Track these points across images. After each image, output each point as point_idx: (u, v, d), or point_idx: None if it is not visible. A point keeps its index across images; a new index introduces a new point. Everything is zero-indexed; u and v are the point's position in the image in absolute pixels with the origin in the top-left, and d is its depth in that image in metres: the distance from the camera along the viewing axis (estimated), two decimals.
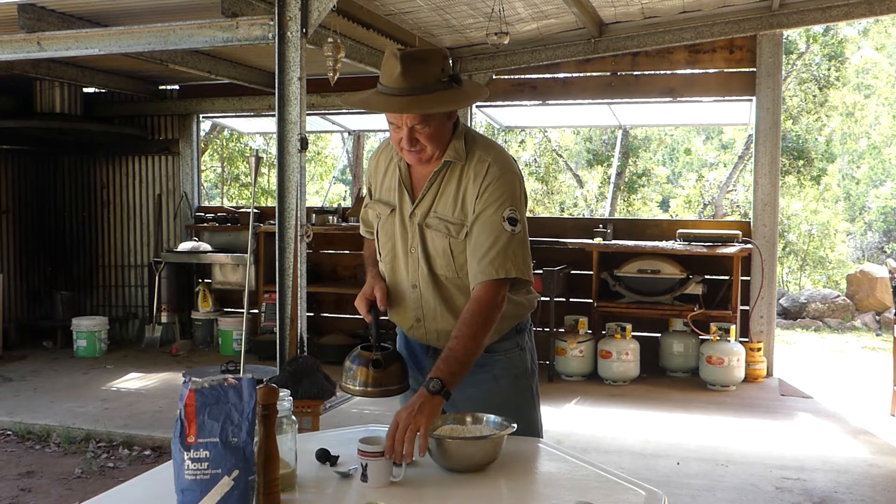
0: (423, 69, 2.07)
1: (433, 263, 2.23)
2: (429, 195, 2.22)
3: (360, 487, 1.81)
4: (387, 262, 2.33)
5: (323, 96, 7.79)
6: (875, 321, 10.36)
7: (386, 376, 2.15)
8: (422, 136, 2.12)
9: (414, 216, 2.23)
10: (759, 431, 5.34)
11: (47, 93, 7.90)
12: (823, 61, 13.52)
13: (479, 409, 2.14)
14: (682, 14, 6.82)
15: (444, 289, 2.24)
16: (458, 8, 6.17)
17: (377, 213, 2.33)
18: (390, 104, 2.08)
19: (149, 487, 1.83)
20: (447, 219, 2.19)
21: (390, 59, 2.09)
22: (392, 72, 2.07)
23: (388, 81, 2.08)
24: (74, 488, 4.44)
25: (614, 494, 1.80)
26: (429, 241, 2.22)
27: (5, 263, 8.43)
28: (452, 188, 2.19)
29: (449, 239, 2.19)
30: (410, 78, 2.05)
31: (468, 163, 2.18)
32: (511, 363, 2.33)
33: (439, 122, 2.13)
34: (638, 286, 6.74)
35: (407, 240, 2.26)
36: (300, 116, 4.73)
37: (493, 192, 2.14)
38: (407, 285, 2.28)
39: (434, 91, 2.07)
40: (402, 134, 2.12)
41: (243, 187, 16.71)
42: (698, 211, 15.39)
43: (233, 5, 4.96)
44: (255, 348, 7.34)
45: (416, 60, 2.07)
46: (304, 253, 4.88)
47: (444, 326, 2.24)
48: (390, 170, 2.31)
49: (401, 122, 2.10)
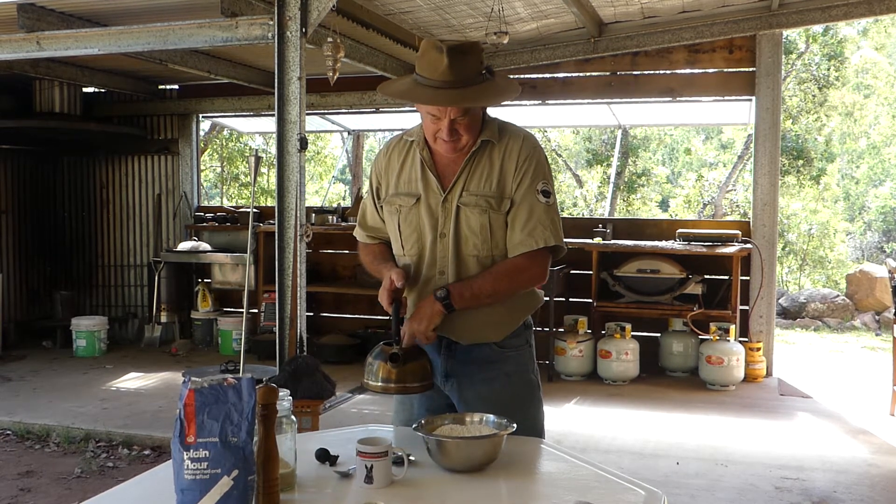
0: (467, 62, 2.13)
1: (464, 245, 2.25)
2: (462, 176, 2.25)
3: (360, 487, 1.81)
4: (412, 254, 2.32)
5: (323, 96, 7.79)
6: (875, 321, 10.36)
7: (406, 373, 2.15)
8: (461, 126, 2.17)
9: (449, 201, 2.25)
10: (759, 431, 5.35)
11: (47, 92, 7.90)
12: (823, 61, 13.52)
13: (490, 407, 2.14)
14: (682, 14, 6.82)
15: (470, 273, 2.25)
16: (458, 8, 6.17)
17: (398, 207, 2.32)
18: (439, 97, 2.12)
19: (148, 487, 1.83)
20: (485, 194, 2.23)
21: (432, 51, 2.13)
22: (437, 65, 2.11)
23: (432, 74, 2.12)
24: (74, 488, 4.44)
25: (614, 494, 1.80)
26: (463, 221, 2.25)
27: (5, 263, 8.42)
28: (486, 165, 2.25)
29: (489, 213, 2.23)
30: (456, 71, 2.10)
31: (500, 141, 2.25)
32: (521, 360, 2.36)
33: (476, 113, 2.21)
34: (637, 286, 6.74)
35: (437, 226, 2.27)
36: (300, 116, 4.73)
37: (529, 167, 2.24)
38: (433, 273, 2.29)
39: (477, 84, 2.14)
40: (440, 125, 2.17)
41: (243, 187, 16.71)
42: (698, 211, 15.39)
43: (232, 5, 4.96)
44: (255, 348, 7.34)
45: (461, 53, 2.12)
46: (303, 253, 4.87)
47: (467, 312, 2.24)
48: (409, 162, 2.33)
49: (442, 114, 2.15)
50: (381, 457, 1.82)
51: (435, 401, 2.34)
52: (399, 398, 2.41)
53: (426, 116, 2.20)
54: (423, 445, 1.93)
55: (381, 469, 1.81)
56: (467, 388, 2.24)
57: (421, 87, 2.15)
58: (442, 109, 2.14)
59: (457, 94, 2.11)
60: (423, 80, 2.14)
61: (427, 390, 2.22)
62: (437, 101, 2.12)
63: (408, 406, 2.39)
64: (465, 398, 2.29)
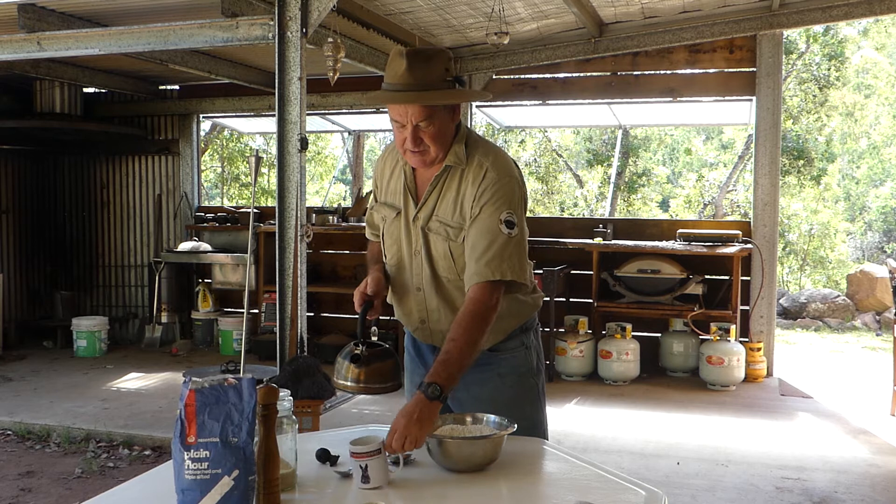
0: (428, 67, 2.11)
1: (436, 266, 2.25)
2: (430, 199, 2.23)
3: (358, 489, 1.81)
4: (392, 265, 2.34)
5: (323, 96, 7.79)
6: (875, 321, 10.36)
7: (370, 373, 2.14)
8: (426, 135, 2.13)
9: (417, 220, 2.25)
10: (759, 431, 5.34)
11: (47, 93, 7.90)
12: (823, 61, 13.52)
13: (484, 408, 2.14)
14: (682, 14, 6.82)
15: (446, 291, 2.26)
16: (458, 8, 6.17)
17: (383, 216, 2.35)
18: (396, 97, 2.11)
19: (149, 487, 1.83)
20: (447, 222, 2.21)
21: (396, 57, 2.13)
22: (397, 69, 2.11)
23: (393, 78, 2.12)
24: (74, 488, 4.44)
25: (614, 494, 1.79)
26: (431, 244, 2.24)
27: (5, 263, 8.43)
28: (453, 192, 2.21)
29: (448, 242, 2.21)
30: (415, 74, 2.09)
31: (468, 167, 2.20)
32: (516, 361, 2.34)
33: (442, 122, 2.15)
34: (638, 286, 6.74)
35: (411, 243, 2.27)
36: (300, 116, 4.73)
37: (490, 196, 2.15)
38: (412, 287, 2.30)
39: (438, 89, 2.12)
40: (406, 133, 2.14)
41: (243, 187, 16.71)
42: (698, 211, 15.39)
43: (233, 5, 4.96)
44: (255, 348, 7.34)
45: (422, 58, 2.11)
46: (304, 253, 4.88)
47: (445, 328, 2.24)
48: (395, 173, 2.33)
49: (405, 120, 2.12)
50: (375, 455, 1.80)
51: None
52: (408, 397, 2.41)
53: (394, 126, 2.18)
54: (424, 445, 1.93)
55: (377, 467, 1.80)
56: (461, 389, 2.23)
57: (381, 91, 2.16)
58: (404, 115, 2.12)
59: (414, 96, 2.10)
60: (386, 85, 2.15)
61: (392, 391, 2.20)
62: (392, 99, 2.12)
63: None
64: (458, 399, 2.29)
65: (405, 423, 1.90)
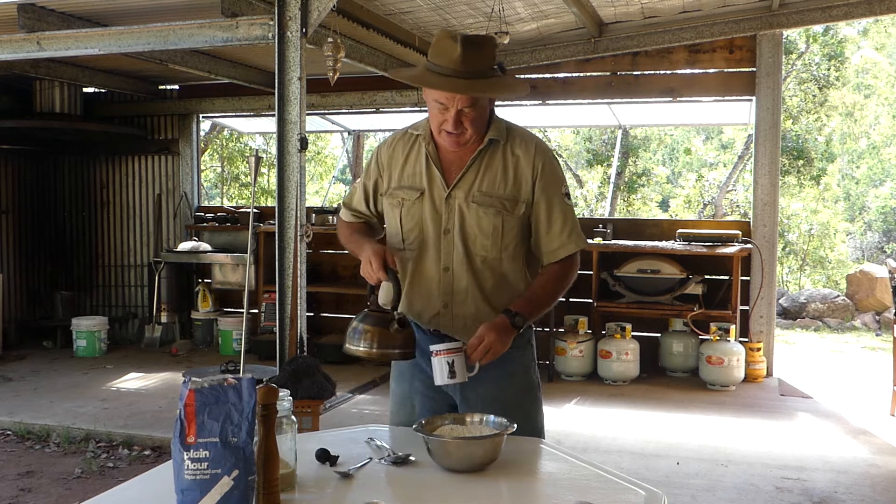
0: (481, 55, 2.14)
1: (471, 244, 2.25)
2: (469, 175, 2.25)
3: (359, 488, 1.81)
4: (413, 248, 2.30)
5: (323, 96, 7.79)
6: (875, 321, 10.36)
7: (405, 337, 2.15)
8: (467, 119, 2.17)
9: (452, 197, 2.25)
10: (759, 431, 5.34)
11: (47, 93, 7.90)
12: (823, 61, 13.52)
13: (492, 407, 2.15)
14: (682, 14, 6.82)
15: (477, 271, 2.26)
16: (458, 8, 6.17)
17: (400, 200, 2.30)
18: (448, 84, 2.12)
19: (149, 487, 1.83)
20: (499, 195, 2.23)
21: (447, 39, 2.13)
22: (450, 53, 2.11)
23: (445, 62, 2.12)
24: (74, 488, 4.44)
25: (614, 494, 1.80)
26: (470, 220, 2.24)
27: (5, 263, 8.42)
28: (498, 165, 2.25)
29: (503, 215, 2.23)
30: (468, 61, 2.11)
31: (509, 142, 2.26)
32: (525, 360, 2.37)
33: (483, 107, 2.20)
34: (638, 286, 6.74)
35: (440, 222, 2.26)
36: (300, 116, 4.73)
37: (550, 172, 2.27)
38: (436, 270, 2.28)
39: (487, 77, 2.15)
40: (447, 116, 2.16)
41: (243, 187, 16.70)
42: (698, 211, 15.39)
43: (233, 5, 4.96)
44: (255, 348, 7.34)
45: (475, 46, 2.13)
46: (303, 253, 4.87)
47: (472, 311, 2.25)
48: (413, 156, 2.32)
49: (450, 104, 2.14)
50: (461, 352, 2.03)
51: (437, 402, 2.33)
52: (400, 398, 2.41)
53: (434, 105, 2.18)
54: (424, 445, 1.93)
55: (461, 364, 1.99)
56: (469, 388, 2.24)
57: (431, 73, 2.15)
58: (450, 98, 2.13)
59: (466, 84, 2.12)
60: (434, 66, 2.15)
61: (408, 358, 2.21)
62: (446, 87, 2.12)
63: (409, 406, 2.38)
64: (467, 398, 2.28)
65: (494, 338, 2.09)
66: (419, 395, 2.33)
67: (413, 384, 2.37)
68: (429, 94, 2.19)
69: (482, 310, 2.25)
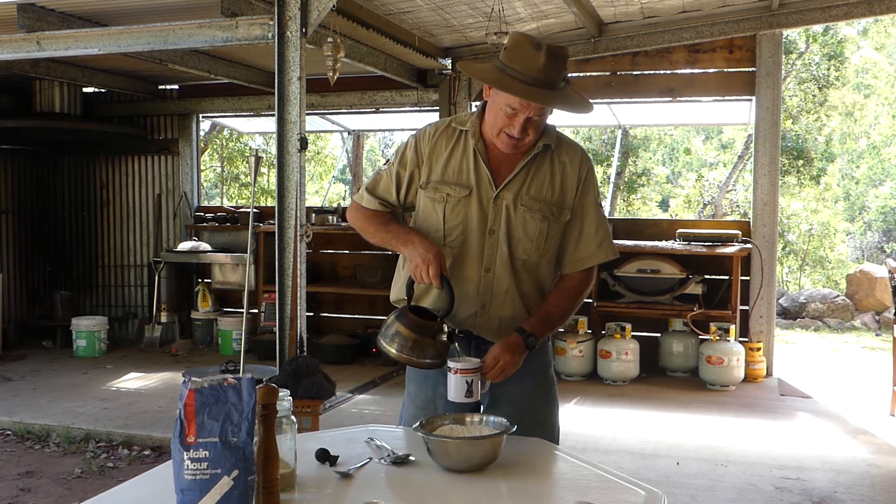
0: (560, 66, 2.14)
1: (515, 246, 2.25)
2: (519, 177, 2.25)
3: (359, 488, 1.81)
4: (454, 246, 2.27)
5: (323, 96, 7.79)
6: (875, 321, 10.36)
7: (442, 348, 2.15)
8: (532, 126, 2.17)
9: (501, 198, 2.24)
10: (759, 431, 5.34)
11: (47, 92, 7.89)
12: (823, 61, 13.52)
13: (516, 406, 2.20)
14: (682, 14, 6.82)
15: (518, 273, 2.27)
16: (458, 8, 6.17)
17: (445, 195, 2.26)
18: (533, 94, 2.10)
19: (148, 487, 1.83)
20: (547, 200, 2.25)
21: (528, 46, 2.11)
22: (533, 61, 2.09)
23: (525, 69, 2.10)
24: (74, 488, 4.44)
25: (614, 494, 1.80)
26: (516, 223, 2.24)
27: (5, 263, 8.42)
28: (546, 171, 2.26)
29: (549, 221, 2.24)
30: (550, 72, 2.11)
31: (557, 148, 2.28)
32: (545, 357, 2.40)
33: (547, 116, 2.22)
34: (638, 286, 6.74)
35: (486, 222, 2.25)
36: (300, 116, 4.73)
37: (591, 180, 2.32)
38: (476, 270, 2.26)
39: (562, 89, 2.16)
40: (515, 121, 2.15)
41: (243, 187, 16.70)
42: (698, 211, 15.39)
43: (232, 5, 4.96)
44: (255, 348, 7.34)
45: (557, 57, 2.13)
46: (303, 253, 4.87)
47: (510, 314, 2.26)
48: (457, 153, 2.29)
49: (523, 110, 2.13)
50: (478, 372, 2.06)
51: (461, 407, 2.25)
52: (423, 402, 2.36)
53: (502, 109, 2.15)
54: (424, 445, 1.93)
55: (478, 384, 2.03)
56: (498, 386, 2.23)
57: (511, 79, 2.11)
58: (524, 105, 2.12)
59: (549, 95, 2.11)
60: (513, 72, 2.11)
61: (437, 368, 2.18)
62: (528, 95, 2.10)
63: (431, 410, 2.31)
64: (497, 398, 2.28)
65: (510, 359, 2.14)
66: (443, 400, 2.24)
67: (437, 389, 2.31)
68: (498, 96, 2.15)
69: (519, 311, 2.26)
